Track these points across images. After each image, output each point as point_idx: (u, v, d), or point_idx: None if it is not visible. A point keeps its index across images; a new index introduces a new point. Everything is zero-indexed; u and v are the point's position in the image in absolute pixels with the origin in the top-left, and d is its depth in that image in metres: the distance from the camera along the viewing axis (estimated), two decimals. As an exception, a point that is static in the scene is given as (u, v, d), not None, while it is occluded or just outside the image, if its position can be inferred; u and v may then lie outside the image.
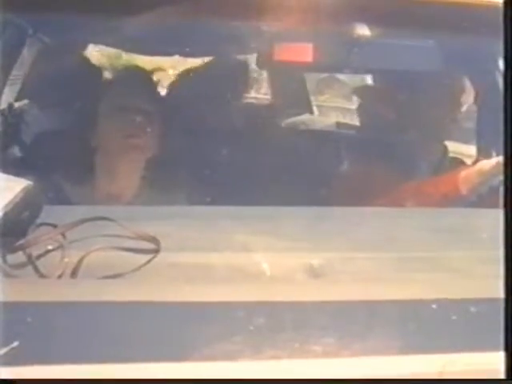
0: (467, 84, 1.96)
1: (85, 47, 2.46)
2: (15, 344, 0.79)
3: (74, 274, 0.98)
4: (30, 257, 0.99)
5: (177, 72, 2.61)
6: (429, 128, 1.73)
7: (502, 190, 1.35)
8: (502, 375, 0.84)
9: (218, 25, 1.55)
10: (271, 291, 0.98)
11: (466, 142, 2.23)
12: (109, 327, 0.85)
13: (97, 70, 2.29)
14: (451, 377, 0.84)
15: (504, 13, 1.07)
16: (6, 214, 0.96)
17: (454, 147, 1.97)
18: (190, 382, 0.80)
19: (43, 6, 1.38)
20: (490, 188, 1.42)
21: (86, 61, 2.22)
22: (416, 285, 1.02)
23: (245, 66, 2.34)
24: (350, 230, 1.15)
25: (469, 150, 2.14)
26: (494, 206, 1.38)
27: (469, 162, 1.87)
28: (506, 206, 1.01)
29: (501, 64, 1.79)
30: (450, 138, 1.88)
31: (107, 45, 2.37)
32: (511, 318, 0.89)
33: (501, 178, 1.35)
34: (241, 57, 2.34)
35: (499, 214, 1.01)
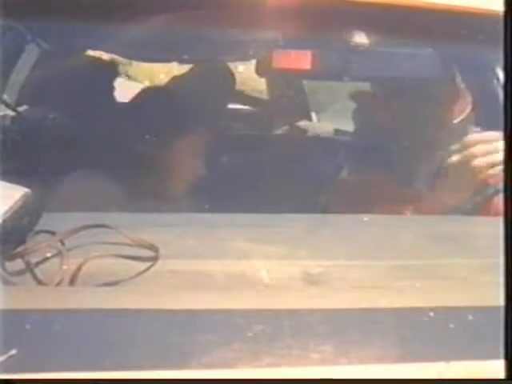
0: (465, 92, 1.97)
1: (84, 53, 2.47)
2: (13, 351, 0.79)
3: (72, 281, 0.98)
4: (28, 264, 0.99)
5: (168, 77, 2.62)
6: (427, 136, 1.73)
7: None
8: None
9: (216, 32, 1.55)
10: (269, 299, 0.98)
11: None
12: (107, 335, 0.85)
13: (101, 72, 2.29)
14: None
15: (504, 21, 1.07)
16: (4, 221, 0.96)
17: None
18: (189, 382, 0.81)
19: (42, 12, 1.38)
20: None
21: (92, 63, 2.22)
22: (413, 293, 1.02)
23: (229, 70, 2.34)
24: (349, 237, 1.16)
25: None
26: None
27: None
28: (505, 213, 1.01)
29: (499, 72, 1.80)
30: (447, 145, 1.88)
31: (107, 51, 2.37)
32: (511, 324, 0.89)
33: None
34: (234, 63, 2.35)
35: (497, 222, 1.02)
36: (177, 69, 2.94)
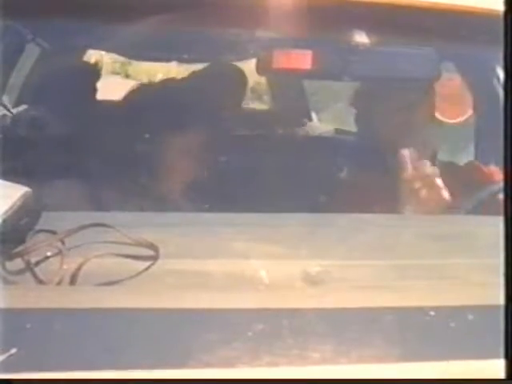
0: (466, 91, 1.97)
1: (84, 52, 2.47)
2: (13, 351, 0.79)
3: (72, 280, 0.98)
4: (28, 263, 0.99)
5: (167, 77, 2.61)
6: (423, 134, 1.73)
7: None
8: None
9: (216, 32, 1.55)
10: (269, 298, 0.98)
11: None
12: (107, 334, 0.85)
13: (96, 73, 2.30)
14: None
15: (504, 21, 1.07)
16: (4, 221, 0.96)
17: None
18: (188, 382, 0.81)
19: (42, 12, 1.38)
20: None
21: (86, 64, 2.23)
22: (414, 292, 1.02)
23: (241, 72, 2.34)
24: (349, 237, 1.15)
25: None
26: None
27: (460, 163, 1.87)
28: (505, 212, 1.01)
29: (499, 71, 1.80)
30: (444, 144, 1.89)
31: (107, 51, 2.38)
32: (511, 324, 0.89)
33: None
34: (238, 63, 2.35)
35: (498, 221, 1.02)
36: (175, 68, 2.94)
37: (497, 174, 1.58)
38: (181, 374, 0.80)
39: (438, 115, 2.00)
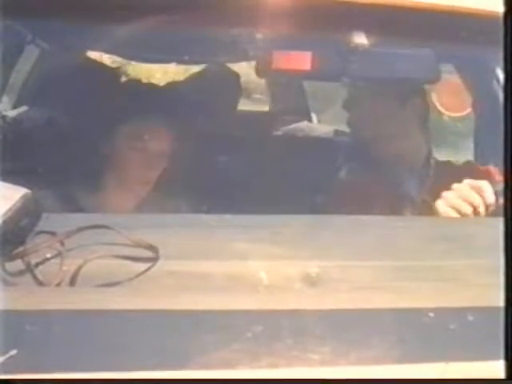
0: (465, 90, 1.97)
1: (83, 53, 2.47)
2: (13, 352, 0.79)
3: (72, 282, 0.98)
4: (28, 265, 0.99)
5: (166, 77, 2.61)
6: (420, 133, 1.73)
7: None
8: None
9: (216, 33, 1.55)
10: (269, 299, 0.98)
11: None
12: (107, 335, 0.85)
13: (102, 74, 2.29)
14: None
15: (504, 21, 1.07)
16: (4, 222, 0.96)
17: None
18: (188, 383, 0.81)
19: (42, 13, 1.38)
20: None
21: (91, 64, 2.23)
22: (413, 293, 1.02)
23: (236, 74, 2.35)
24: (348, 238, 1.15)
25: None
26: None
27: (457, 163, 1.87)
28: (505, 213, 1.01)
29: (498, 73, 1.80)
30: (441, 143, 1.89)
31: (106, 52, 2.37)
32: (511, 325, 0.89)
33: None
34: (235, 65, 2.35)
35: (497, 222, 1.02)
36: (173, 69, 2.95)
37: (496, 174, 1.58)
38: (180, 375, 0.80)
39: (439, 107, 2.00)
